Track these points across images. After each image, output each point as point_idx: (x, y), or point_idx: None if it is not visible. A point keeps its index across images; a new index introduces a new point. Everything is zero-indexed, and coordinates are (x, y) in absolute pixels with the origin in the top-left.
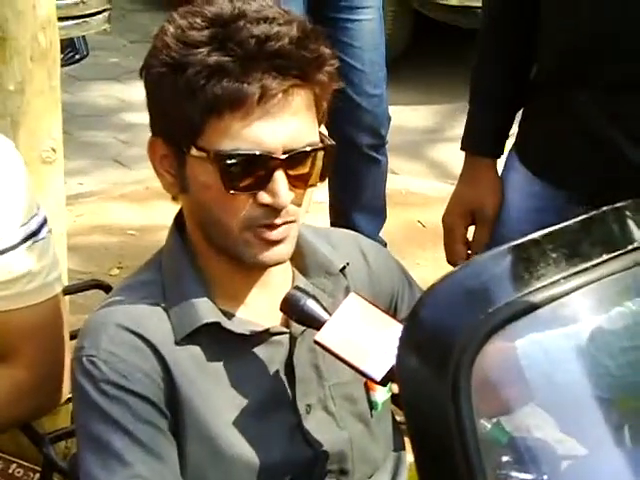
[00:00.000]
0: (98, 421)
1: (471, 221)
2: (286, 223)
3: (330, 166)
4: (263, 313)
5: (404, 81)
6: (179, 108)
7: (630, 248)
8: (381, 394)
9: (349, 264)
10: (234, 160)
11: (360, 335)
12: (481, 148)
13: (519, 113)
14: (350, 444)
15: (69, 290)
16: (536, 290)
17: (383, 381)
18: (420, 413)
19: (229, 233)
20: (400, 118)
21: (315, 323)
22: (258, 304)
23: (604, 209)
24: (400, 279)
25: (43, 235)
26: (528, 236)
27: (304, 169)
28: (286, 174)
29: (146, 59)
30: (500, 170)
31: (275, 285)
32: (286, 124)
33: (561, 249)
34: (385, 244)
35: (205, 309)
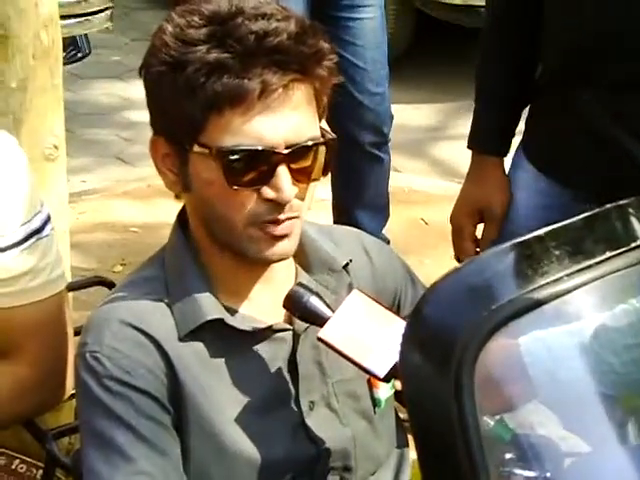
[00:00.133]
0: (101, 417)
1: (479, 219)
2: (290, 219)
3: (332, 160)
4: (266, 310)
5: (406, 80)
6: (179, 106)
7: (634, 245)
8: (384, 391)
9: (352, 261)
10: (237, 156)
11: (363, 332)
12: (487, 147)
13: (526, 110)
14: (353, 441)
15: (72, 287)
16: (539, 287)
17: (386, 378)
18: (423, 410)
19: (233, 229)
20: (403, 116)
21: (318, 320)
22: (261, 301)
23: (607, 206)
24: (403, 276)
25: (47, 232)
26: (531, 233)
27: (306, 163)
28: (289, 169)
29: (145, 58)
30: (507, 168)
31: (278, 282)
32: (287, 119)
33: (564, 246)
34: (388, 242)
35: (208, 305)
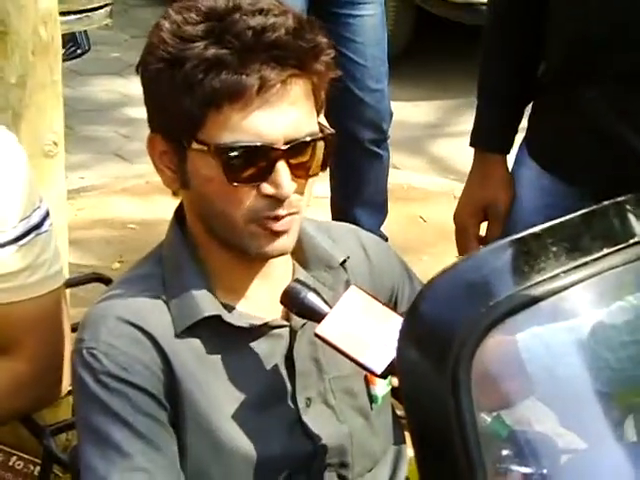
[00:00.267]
0: (98, 413)
1: (483, 218)
2: (289, 215)
3: (330, 156)
4: (264, 306)
5: (406, 77)
6: (177, 103)
7: (631, 242)
8: (381, 387)
9: (349, 258)
10: (235, 152)
11: (360, 328)
12: (490, 144)
13: (529, 107)
14: (350, 438)
15: (70, 283)
16: (537, 284)
17: (383, 374)
18: (420, 406)
19: (234, 226)
20: (402, 114)
21: (315, 316)
22: (259, 297)
23: (605, 203)
24: (400, 273)
25: (46, 228)
26: (529, 230)
27: (305, 159)
28: (288, 164)
29: (142, 55)
30: (510, 165)
31: (276, 278)
32: (285, 114)
33: (562, 243)
34: (386, 239)
35: (205, 302)
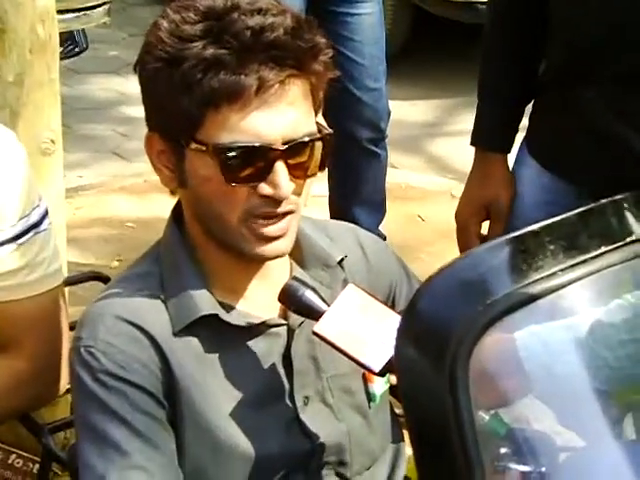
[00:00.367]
0: (96, 411)
1: (484, 216)
2: (286, 214)
3: (329, 156)
4: (261, 305)
5: (403, 76)
6: (175, 103)
7: (628, 240)
8: (379, 386)
9: (347, 256)
10: (234, 153)
11: (358, 326)
12: (490, 144)
13: (530, 105)
14: (348, 436)
15: (68, 282)
16: (534, 282)
17: (381, 372)
18: (418, 405)
19: (228, 227)
20: (399, 113)
21: (313, 314)
22: (256, 296)
23: (602, 201)
24: (398, 271)
25: (45, 227)
26: (526, 228)
27: (303, 159)
28: (286, 164)
29: (140, 55)
30: (511, 164)
31: (273, 277)
32: (283, 114)
33: (559, 241)
34: (385, 238)
35: (203, 301)
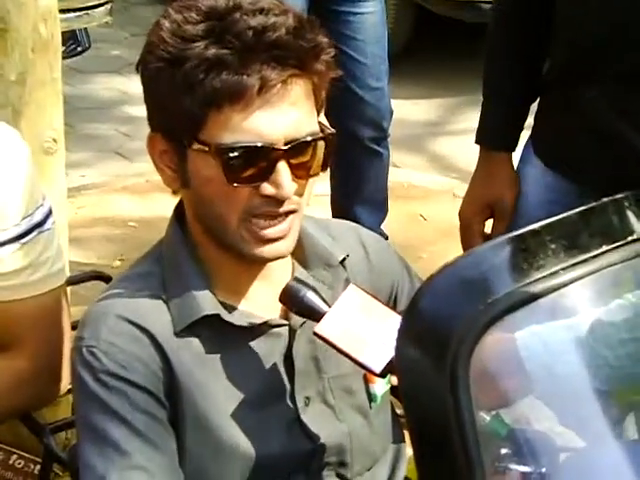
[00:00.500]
0: (97, 411)
1: (488, 215)
2: (288, 214)
3: (331, 155)
4: (263, 305)
5: (406, 75)
6: (178, 103)
7: (629, 240)
8: (380, 386)
9: (349, 256)
10: (236, 153)
11: (359, 327)
12: (495, 142)
13: (535, 104)
14: (349, 437)
15: (70, 281)
16: (535, 281)
17: (382, 373)
18: (419, 405)
19: (228, 227)
20: (402, 112)
21: (314, 315)
22: (258, 296)
23: (604, 200)
24: (400, 271)
25: (48, 226)
26: (527, 227)
27: (306, 159)
28: (288, 164)
29: (142, 54)
30: (516, 163)
31: (275, 277)
32: (286, 114)
33: (560, 240)
34: (386, 237)
35: (205, 301)
